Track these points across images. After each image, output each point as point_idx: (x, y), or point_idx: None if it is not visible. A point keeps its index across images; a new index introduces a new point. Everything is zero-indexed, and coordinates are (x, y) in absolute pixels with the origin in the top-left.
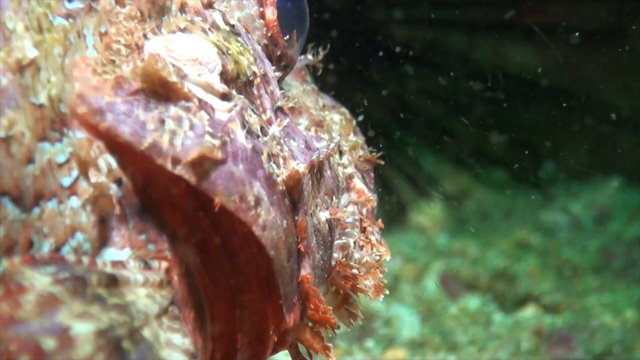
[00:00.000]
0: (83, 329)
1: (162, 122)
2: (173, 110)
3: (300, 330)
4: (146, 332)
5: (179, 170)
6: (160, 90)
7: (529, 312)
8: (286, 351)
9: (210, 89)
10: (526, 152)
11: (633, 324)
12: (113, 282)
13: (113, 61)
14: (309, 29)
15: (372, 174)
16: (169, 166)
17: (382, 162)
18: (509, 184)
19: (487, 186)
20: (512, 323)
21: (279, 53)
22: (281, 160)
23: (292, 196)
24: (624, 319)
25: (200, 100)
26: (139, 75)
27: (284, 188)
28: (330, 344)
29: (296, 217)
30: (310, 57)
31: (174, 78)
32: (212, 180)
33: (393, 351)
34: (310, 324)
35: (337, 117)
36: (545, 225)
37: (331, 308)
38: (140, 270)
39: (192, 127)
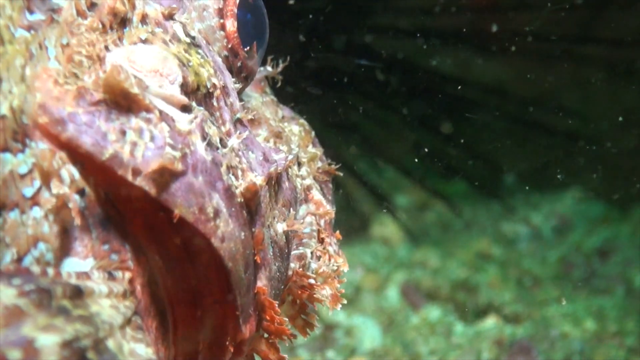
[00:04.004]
0: (48, 340)
1: (124, 133)
2: (134, 121)
3: (256, 341)
4: (110, 343)
5: (139, 182)
6: (121, 102)
7: (489, 322)
8: None
9: (171, 101)
10: (487, 163)
11: (592, 334)
12: (77, 293)
13: (75, 73)
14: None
15: (330, 186)
16: (129, 177)
17: (341, 174)
18: (470, 195)
19: (447, 197)
20: (473, 333)
21: (239, 64)
22: (240, 172)
23: (250, 208)
24: (583, 328)
25: (161, 111)
26: (101, 86)
27: (242, 200)
28: (285, 355)
29: (253, 229)
30: (269, 68)
31: (135, 89)
32: (172, 192)
33: None
34: (265, 335)
35: (296, 129)
36: (505, 236)
37: (287, 319)
38: (104, 281)
39: (152, 138)
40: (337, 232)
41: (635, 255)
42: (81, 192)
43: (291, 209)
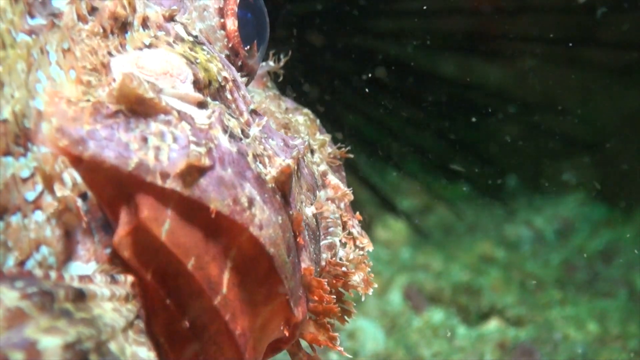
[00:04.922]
0: (50, 342)
1: (145, 139)
2: (154, 126)
3: (304, 324)
4: (113, 346)
5: (169, 184)
6: (138, 109)
7: (492, 325)
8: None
9: (186, 99)
10: (489, 166)
11: (595, 337)
12: (80, 296)
13: (86, 89)
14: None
15: (344, 174)
16: (158, 182)
17: (352, 156)
18: (472, 198)
19: (450, 200)
20: (476, 336)
21: (240, 63)
22: (266, 159)
23: (284, 191)
24: (586, 331)
25: (179, 111)
26: (115, 97)
27: (273, 185)
28: (336, 334)
29: (290, 212)
30: (271, 63)
31: (150, 94)
32: (204, 188)
33: None
34: (313, 317)
35: (301, 119)
36: (508, 239)
37: (334, 297)
38: (107, 284)
39: (175, 139)
40: (357, 213)
41: (638, 258)
42: (83, 196)
43: (316, 193)
